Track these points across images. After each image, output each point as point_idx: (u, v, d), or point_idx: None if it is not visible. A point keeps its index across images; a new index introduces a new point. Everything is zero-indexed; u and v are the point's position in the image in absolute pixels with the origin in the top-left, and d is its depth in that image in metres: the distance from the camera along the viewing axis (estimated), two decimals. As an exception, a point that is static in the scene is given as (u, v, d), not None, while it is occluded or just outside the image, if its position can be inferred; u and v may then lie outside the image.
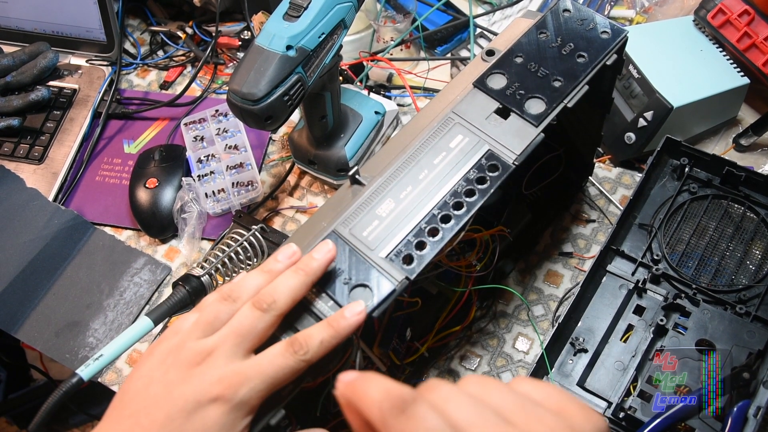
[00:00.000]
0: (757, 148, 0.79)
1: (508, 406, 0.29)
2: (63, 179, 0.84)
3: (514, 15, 0.91)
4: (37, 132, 0.87)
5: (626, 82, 0.78)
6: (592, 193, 0.78)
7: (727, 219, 0.70)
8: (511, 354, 0.69)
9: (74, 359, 0.72)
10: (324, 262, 0.45)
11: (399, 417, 0.28)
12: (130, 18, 1.00)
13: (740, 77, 0.77)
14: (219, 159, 0.81)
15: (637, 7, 0.90)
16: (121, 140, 0.88)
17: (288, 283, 0.44)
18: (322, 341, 0.42)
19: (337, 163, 0.75)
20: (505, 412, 0.29)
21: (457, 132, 0.53)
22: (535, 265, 0.74)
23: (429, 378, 0.68)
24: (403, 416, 0.28)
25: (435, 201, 0.49)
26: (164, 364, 0.41)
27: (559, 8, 0.58)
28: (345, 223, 0.48)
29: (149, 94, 0.92)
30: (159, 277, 0.77)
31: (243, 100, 0.57)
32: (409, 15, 0.87)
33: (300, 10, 0.58)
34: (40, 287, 0.75)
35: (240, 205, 0.79)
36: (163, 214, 0.78)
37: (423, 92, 0.87)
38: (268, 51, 0.57)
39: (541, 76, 0.54)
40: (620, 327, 0.66)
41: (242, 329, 0.42)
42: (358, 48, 0.88)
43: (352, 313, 0.43)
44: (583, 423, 0.30)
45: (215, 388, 0.39)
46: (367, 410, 0.29)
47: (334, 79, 0.67)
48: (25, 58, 0.89)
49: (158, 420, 0.39)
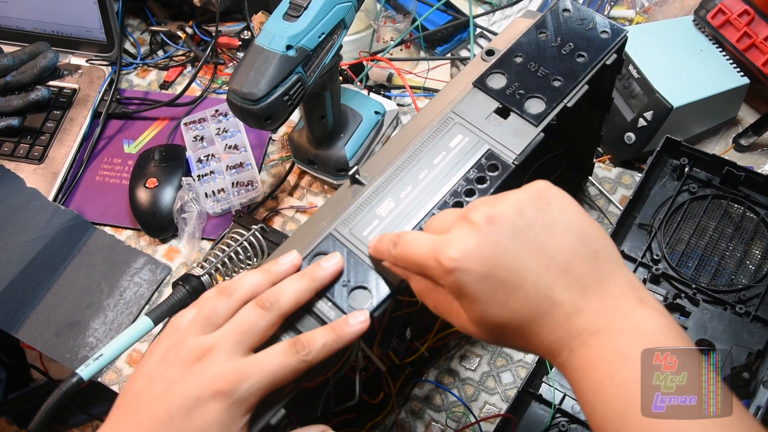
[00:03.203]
0: (756, 148, 0.79)
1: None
2: (63, 179, 0.84)
3: (514, 15, 0.91)
4: (37, 132, 0.87)
5: (626, 82, 0.78)
6: (592, 193, 0.78)
7: (726, 219, 0.70)
8: (511, 354, 0.69)
9: (74, 359, 0.72)
10: (332, 272, 0.45)
11: (441, 246, 0.38)
12: (130, 18, 1.00)
13: (740, 77, 0.77)
14: (219, 159, 0.81)
15: (637, 7, 0.90)
16: (121, 140, 0.88)
17: (293, 286, 0.44)
18: (324, 344, 0.42)
19: (337, 163, 0.75)
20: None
21: (457, 132, 0.53)
22: (535, 265, 0.74)
23: (429, 377, 0.68)
24: (444, 241, 0.39)
25: (435, 201, 0.49)
26: (164, 362, 0.41)
27: (559, 8, 0.58)
28: (345, 223, 0.48)
29: (149, 94, 0.92)
30: (159, 276, 0.77)
31: (243, 99, 0.57)
32: (409, 15, 0.87)
33: (300, 10, 0.58)
34: (40, 287, 0.75)
35: (240, 205, 0.79)
36: (163, 214, 0.78)
37: (423, 92, 0.87)
38: (268, 51, 0.57)
39: (540, 76, 0.54)
40: (620, 327, 0.66)
41: (243, 327, 0.42)
42: (358, 48, 0.88)
43: (356, 321, 0.43)
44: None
45: (215, 384, 0.39)
46: (418, 257, 0.40)
47: (334, 79, 0.67)
48: (25, 57, 0.89)
49: (159, 418, 0.39)
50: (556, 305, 0.38)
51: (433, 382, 0.68)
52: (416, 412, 0.67)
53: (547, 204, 0.40)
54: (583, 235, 0.39)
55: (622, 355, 0.36)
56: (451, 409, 0.67)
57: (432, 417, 0.66)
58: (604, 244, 0.40)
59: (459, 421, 0.66)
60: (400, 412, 0.66)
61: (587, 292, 0.38)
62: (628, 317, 0.37)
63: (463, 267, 0.38)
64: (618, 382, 0.36)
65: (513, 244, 0.38)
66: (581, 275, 0.38)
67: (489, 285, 0.38)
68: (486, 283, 0.38)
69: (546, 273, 0.38)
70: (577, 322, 0.38)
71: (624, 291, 0.38)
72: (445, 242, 0.39)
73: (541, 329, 0.38)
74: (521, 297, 0.38)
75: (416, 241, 0.41)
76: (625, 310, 0.38)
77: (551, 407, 0.63)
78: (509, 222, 0.38)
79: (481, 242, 0.38)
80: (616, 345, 0.37)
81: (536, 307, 0.38)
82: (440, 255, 0.38)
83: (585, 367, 0.37)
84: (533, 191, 0.40)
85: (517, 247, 0.38)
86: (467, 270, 0.38)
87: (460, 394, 0.67)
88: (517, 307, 0.38)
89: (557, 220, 0.39)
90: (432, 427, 0.66)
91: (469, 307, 0.39)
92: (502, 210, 0.39)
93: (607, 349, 0.37)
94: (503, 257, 0.38)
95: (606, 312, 0.38)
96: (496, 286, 0.38)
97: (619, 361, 0.36)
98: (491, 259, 0.38)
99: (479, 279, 0.38)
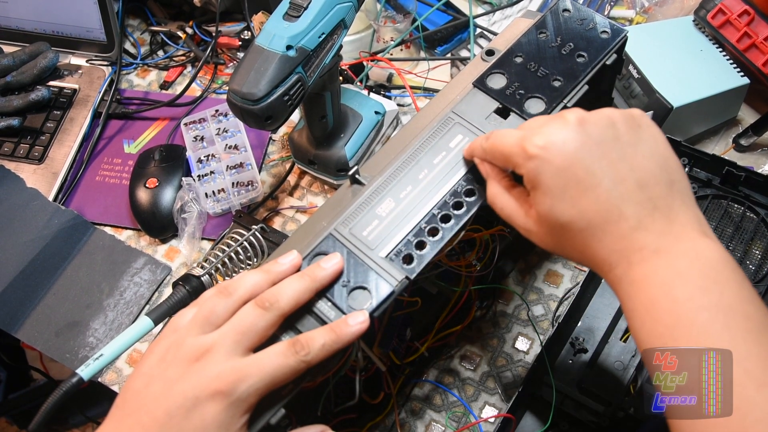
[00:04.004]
0: (757, 148, 0.79)
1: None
2: (63, 179, 0.84)
3: (514, 15, 0.91)
4: (37, 132, 0.87)
5: (626, 82, 0.78)
6: (592, 193, 0.78)
7: (727, 219, 0.70)
8: (511, 354, 0.69)
9: (74, 359, 0.72)
10: (332, 273, 0.45)
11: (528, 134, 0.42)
12: (130, 18, 1.00)
13: (740, 77, 0.77)
14: (219, 159, 0.81)
15: (637, 7, 0.90)
16: (121, 140, 0.88)
17: (293, 286, 0.44)
18: (324, 345, 0.42)
19: (337, 163, 0.75)
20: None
21: (457, 132, 0.53)
22: (535, 265, 0.74)
23: (429, 377, 0.68)
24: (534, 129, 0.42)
25: (435, 201, 0.49)
26: (164, 362, 0.41)
27: (559, 8, 0.58)
28: (345, 223, 0.48)
29: (149, 94, 0.92)
30: (159, 277, 0.77)
31: (243, 100, 0.57)
32: (409, 15, 0.87)
33: (300, 10, 0.58)
34: (40, 287, 0.75)
35: (240, 205, 0.79)
36: (163, 214, 0.78)
37: (423, 92, 0.87)
38: (268, 51, 0.57)
39: (540, 76, 0.54)
40: (620, 327, 0.66)
41: (243, 326, 0.42)
42: (358, 48, 0.88)
43: (355, 322, 0.43)
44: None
45: (214, 383, 0.39)
46: (506, 145, 0.44)
47: (334, 79, 0.67)
48: (25, 58, 0.89)
49: (159, 417, 0.39)
50: (623, 217, 0.40)
51: (433, 382, 0.68)
52: (416, 412, 0.67)
53: (638, 126, 0.43)
54: (665, 164, 0.42)
55: (680, 275, 0.38)
56: (451, 409, 0.67)
57: (432, 417, 0.66)
58: (681, 178, 0.42)
59: (459, 421, 0.66)
60: (400, 412, 0.66)
61: (655, 213, 0.40)
62: (690, 243, 0.39)
63: (545, 156, 0.41)
64: (672, 299, 0.37)
65: (597, 148, 0.41)
66: (653, 197, 0.40)
67: (564, 180, 0.40)
68: (562, 177, 0.40)
69: (621, 184, 0.40)
70: (640, 238, 0.39)
71: (690, 221, 0.40)
72: (533, 133, 0.42)
73: (603, 237, 0.40)
74: (592, 199, 0.40)
75: (507, 133, 0.45)
76: (688, 237, 0.39)
77: (551, 407, 0.63)
78: (599, 129, 0.41)
79: (568, 138, 0.41)
80: (676, 265, 0.38)
81: (604, 213, 0.40)
82: (526, 142, 0.42)
83: (641, 282, 0.39)
84: (628, 112, 0.43)
85: (600, 152, 0.41)
86: (548, 160, 0.41)
87: (460, 394, 0.67)
88: (585, 208, 0.40)
89: (644, 143, 0.42)
90: (432, 427, 0.66)
91: (541, 199, 0.41)
92: (596, 117, 0.42)
93: (666, 267, 0.38)
94: (585, 158, 0.40)
95: (670, 235, 0.39)
96: (571, 183, 0.40)
97: (676, 280, 0.38)
98: (572, 157, 0.40)
99: (557, 172, 0.40)
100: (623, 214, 0.40)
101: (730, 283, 0.38)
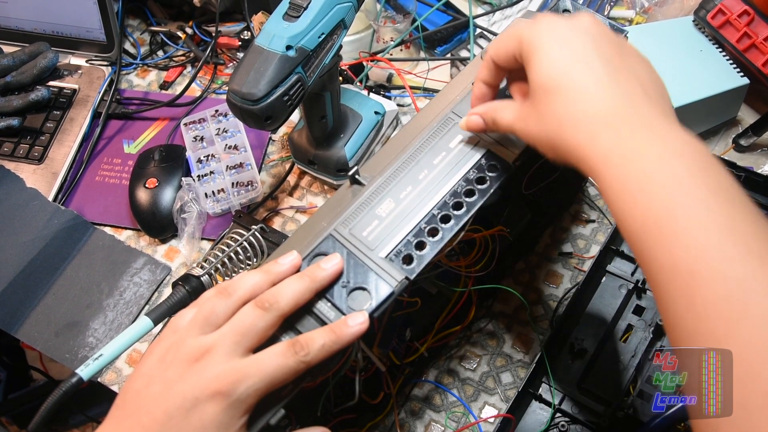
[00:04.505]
0: (756, 149, 0.79)
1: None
2: (63, 179, 0.84)
3: (514, 15, 0.91)
4: (37, 132, 0.87)
5: (626, 82, 0.77)
6: (591, 193, 0.78)
7: (726, 219, 0.70)
8: (510, 354, 0.69)
9: (74, 359, 0.72)
10: (331, 273, 0.45)
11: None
12: (130, 18, 1.00)
13: (740, 77, 0.77)
14: (219, 159, 0.81)
15: (637, 7, 0.90)
16: (121, 140, 0.88)
17: (292, 287, 0.44)
18: (323, 345, 0.42)
19: (337, 163, 0.75)
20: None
21: (457, 132, 0.53)
22: (535, 265, 0.74)
23: (429, 377, 0.68)
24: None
25: (435, 201, 0.49)
26: (164, 362, 0.41)
27: (559, 8, 0.58)
28: (345, 223, 0.48)
29: (149, 94, 0.92)
30: (159, 277, 0.77)
31: (243, 100, 0.57)
32: (409, 15, 0.87)
33: (300, 10, 0.58)
34: (40, 287, 0.75)
35: (240, 205, 0.79)
36: (162, 214, 0.78)
37: (423, 92, 0.87)
38: (268, 51, 0.57)
39: (540, 76, 0.54)
40: (620, 327, 0.66)
41: (242, 327, 0.42)
42: (358, 48, 0.88)
43: (355, 322, 0.43)
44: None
45: (213, 384, 0.39)
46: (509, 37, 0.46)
47: (334, 79, 0.67)
48: (25, 58, 0.89)
49: (158, 418, 0.39)
50: (618, 84, 0.42)
51: (432, 382, 0.68)
52: (416, 413, 0.67)
53: (624, 40, 0.47)
54: (654, 75, 0.45)
55: (678, 154, 0.38)
56: (451, 409, 0.67)
57: (432, 417, 0.66)
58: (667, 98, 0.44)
59: (459, 421, 0.66)
60: (400, 412, 0.66)
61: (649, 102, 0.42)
62: (681, 136, 0.40)
63: (541, 21, 0.44)
64: (671, 173, 0.38)
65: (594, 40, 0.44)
66: (648, 92, 0.42)
67: (562, 39, 0.44)
68: (560, 36, 0.44)
69: (613, 60, 0.43)
70: (635, 112, 0.41)
71: (682, 128, 0.41)
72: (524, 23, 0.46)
73: (594, 99, 0.42)
74: (584, 64, 0.43)
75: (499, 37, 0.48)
76: (681, 134, 0.40)
77: (551, 407, 0.63)
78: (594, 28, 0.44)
79: (560, 20, 0.45)
80: (672, 145, 0.39)
81: (597, 75, 0.42)
82: (519, 25, 0.46)
83: (634, 159, 0.39)
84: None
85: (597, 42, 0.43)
86: (544, 22, 0.44)
87: (459, 394, 0.67)
88: (578, 68, 0.43)
89: (631, 53, 0.45)
90: (432, 427, 0.66)
91: (539, 56, 0.44)
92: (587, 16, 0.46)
93: (661, 147, 0.39)
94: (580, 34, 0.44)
95: (665, 122, 0.41)
96: (567, 45, 0.44)
97: (675, 158, 0.38)
98: (569, 32, 0.44)
99: (553, 31, 0.44)
100: (617, 81, 0.42)
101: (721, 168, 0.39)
